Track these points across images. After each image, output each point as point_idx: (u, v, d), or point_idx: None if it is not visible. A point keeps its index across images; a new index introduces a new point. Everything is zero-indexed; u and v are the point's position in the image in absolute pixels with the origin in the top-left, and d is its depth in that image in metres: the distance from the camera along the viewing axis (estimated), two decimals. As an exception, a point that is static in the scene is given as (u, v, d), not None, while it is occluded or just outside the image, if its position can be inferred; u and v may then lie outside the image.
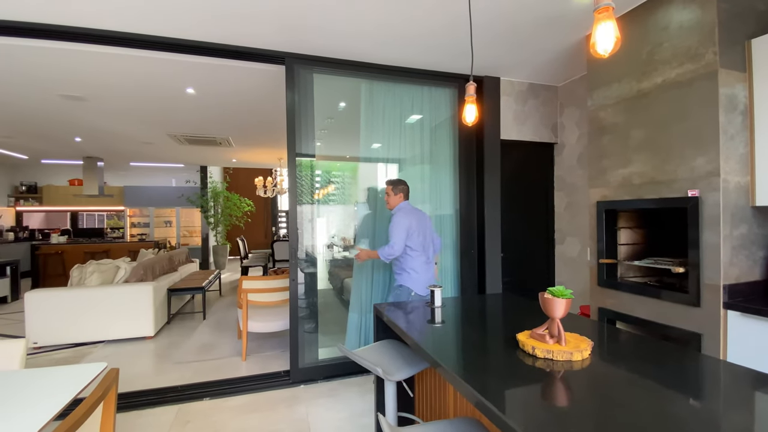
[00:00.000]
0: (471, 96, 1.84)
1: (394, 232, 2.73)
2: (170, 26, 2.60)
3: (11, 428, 1.12)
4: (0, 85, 3.64)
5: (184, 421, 2.50)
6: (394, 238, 2.71)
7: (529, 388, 1.15)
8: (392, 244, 2.70)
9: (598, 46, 1.16)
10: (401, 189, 2.90)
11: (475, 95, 1.85)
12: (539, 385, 1.17)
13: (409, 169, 3.56)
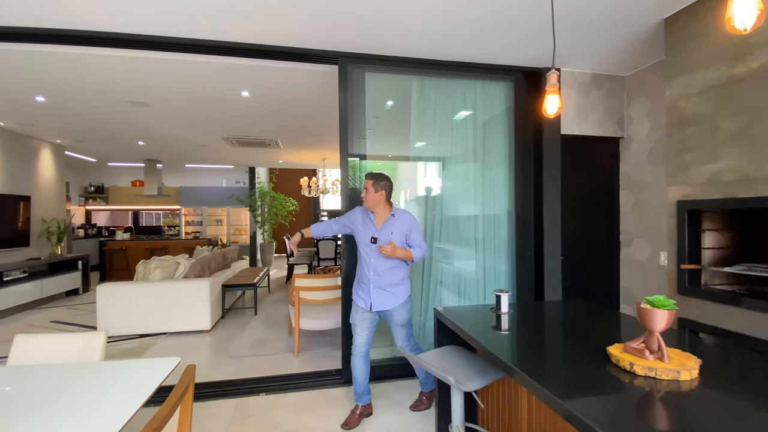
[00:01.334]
0: (554, 85, 1.71)
1: (421, 236, 2.51)
2: (232, 30, 2.67)
3: (105, 417, 1.16)
4: (75, 92, 3.95)
5: (243, 416, 2.56)
6: (424, 241, 2.51)
7: (633, 410, 1.02)
8: (425, 248, 2.49)
9: (736, 21, 1.01)
10: (383, 185, 2.45)
11: (558, 84, 1.71)
12: (643, 407, 1.04)
13: (458, 167, 3.44)
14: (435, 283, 3.38)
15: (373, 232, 2.45)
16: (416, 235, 2.49)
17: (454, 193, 3.47)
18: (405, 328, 2.52)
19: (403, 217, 2.49)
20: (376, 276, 2.43)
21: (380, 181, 2.44)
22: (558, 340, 1.57)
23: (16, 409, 1.22)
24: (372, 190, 2.43)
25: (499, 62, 3.23)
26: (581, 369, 1.27)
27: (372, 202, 2.45)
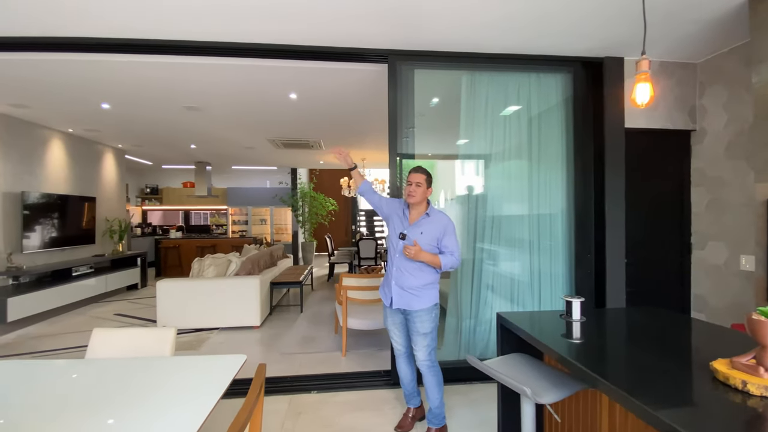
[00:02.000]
0: (645, 72, 1.57)
1: (456, 243, 2.25)
2: (282, 33, 2.71)
3: (185, 409, 1.19)
4: (137, 99, 4.20)
5: (297, 412, 2.59)
6: (458, 250, 2.26)
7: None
8: (458, 257, 2.25)
9: None
10: (430, 182, 2.31)
11: (648, 71, 1.57)
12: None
13: (509, 163, 3.30)
14: (484, 287, 3.27)
15: (404, 228, 2.31)
16: (450, 240, 2.25)
17: (503, 192, 3.32)
18: (427, 338, 2.25)
19: (438, 219, 2.29)
20: (399, 273, 2.27)
21: (429, 177, 2.31)
22: (646, 351, 1.44)
23: (99, 400, 1.28)
24: (425, 186, 2.27)
25: (556, 53, 3.06)
26: (682, 385, 1.15)
27: (420, 198, 2.28)
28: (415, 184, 2.25)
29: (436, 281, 2.29)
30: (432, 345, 2.28)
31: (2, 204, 4.74)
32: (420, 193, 2.26)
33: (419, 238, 2.22)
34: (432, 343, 2.28)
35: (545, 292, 3.20)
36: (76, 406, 1.24)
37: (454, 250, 2.24)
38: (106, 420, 1.15)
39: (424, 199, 2.30)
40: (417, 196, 2.26)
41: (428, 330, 2.25)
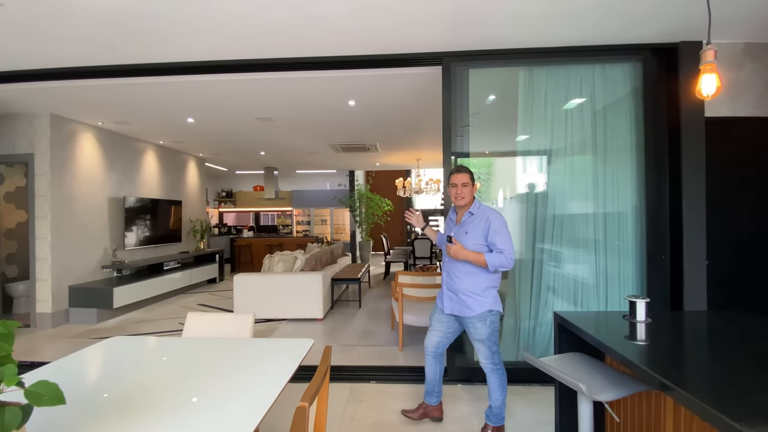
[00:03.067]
0: (710, 63, 1.49)
1: (506, 241, 2.09)
2: (340, 46, 2.91)
3: (263, 386, 1.38)
4: (217, 113, 4.71)
5: (357, 399, 2.77)
6: (509, 248, 2.08)
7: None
8: (510, 256, 2.06)
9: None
10: (473, 177, 2.23)
11: (714, 62, 1.49)
12: None
13: (572, 159, 3.17)
14: (545, 288, 3.18)
15: (451, 230, 2.28)
16: (498, 236, 2.10)
17: (566, 189, 3.20)
18: (484, 345, 2.18)
19: (482, 215, 2.17)
20: (448, 278, 2.24)
21: (472, 174, 2.22)
22: (723, 357, 1.35)
23: (194, 372, 1.53)
24: (470, 185, 2.19)
25: (622, 41, 2.90)
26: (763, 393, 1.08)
27: (470, 198, 2.21)
28: (461, 185, 2.19)
29: (490, 285, 2.17)
30: (492, 349, 2.20)
31: (108, 207, 5.59)
32: (468, 193, 2.19)
33: (464, 238, 2.16)
34: (492, 347, 2.20)
35: (612, 295, 3.03)
36: (176, 376, 1.50)
37: (504, 247, 2.08)
38: (198, 388, 1.38)
39: (472, 198, 2.24)
40: (466, 196, 2.20)
41: (483, 337, 2.18)
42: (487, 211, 2.19)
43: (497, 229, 2.12)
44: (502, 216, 2.17)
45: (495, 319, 2.19)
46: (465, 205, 2.24)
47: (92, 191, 5.30)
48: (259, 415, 1.14)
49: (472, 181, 2.21)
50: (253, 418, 1.13)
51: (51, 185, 4.65)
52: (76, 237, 5.01)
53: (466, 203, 2.23)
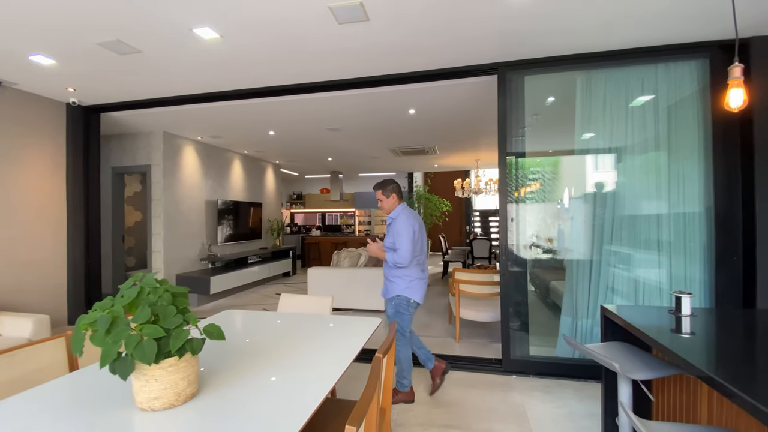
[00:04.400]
0: (737, 79, 1.57)
1: (401, 242, 2.54)
2: (403, 65, 3.25)
3: (344, 345, 1.76)
4: (294, 125, 5.34)
5: (416, 382, 3.08)
6: (402, 248, 2.53)
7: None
8: (401, 255, 2.53)
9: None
10: (392, 189, 2.70)
11: (742, 77, 1.57)
12: None
13: (635, 159, 3.17)
14: (604, 288, 3.22)
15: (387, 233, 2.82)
16: (395, 237, 2.59)
17: (629, 189, 3.20)
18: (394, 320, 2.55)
19: (396, 220, 2.67)
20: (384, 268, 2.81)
21: (387, 186, 2.71)
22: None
23: (291, 338, 1.96)
24: (384, 198, 2.71)
25: (688, 40, 2.86)
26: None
27: (388, 208, 2.72)
28: (377, 199, 2.76)
29: (399, 276, 2.65)
30: (400, 330, 2.70)
31: (205, 209, 6.55)
32: (385, 204, 2.73)
33: (386, 239, 2.71)
34: (400, 329, 2.70)
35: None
36: (282, 335, 1.94)
37: (398, 247, 2.57)
38: (299, 344, 1.80)
39: (392, 207, 2.72)
40: (384, 207, 2.75)
41: (390, 314, 2.77)
42: (395, 219, 2.68)
43: (396, 232, 2.61)
44: (404, 222, 2.60)
45: (401, 302, 2.68)
46: (388, 212, 2.76)
47: (193, 195, 6.27)
48: (344, 365, 1.52)
49: (387, 194, 2.70)
50: (339, 368, 1.51)
51: (163, 190, 5.64)
52: (181, 234, 5.99)
53: (386, 211, 2.76)
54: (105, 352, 1.09)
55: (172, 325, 1.19)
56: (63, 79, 3.60)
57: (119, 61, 3.14)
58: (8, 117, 3.78)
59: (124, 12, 2.41)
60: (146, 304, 1.19)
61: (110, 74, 3.46)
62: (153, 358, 1.10)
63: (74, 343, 1.11)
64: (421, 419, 2.51)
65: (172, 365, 1.18)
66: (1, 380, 1.52)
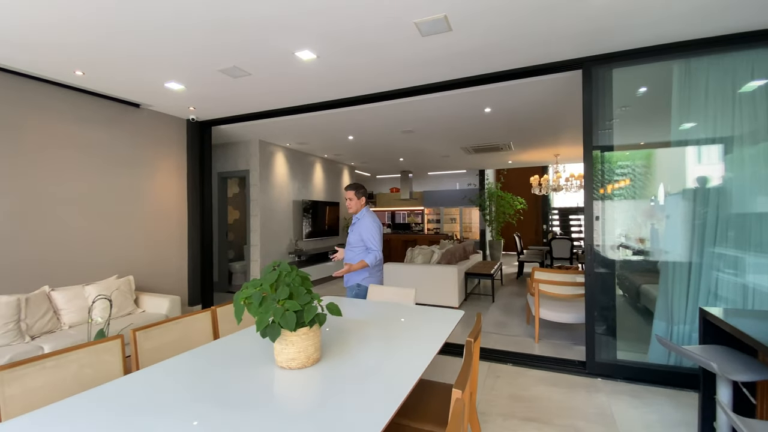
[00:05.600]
0: None
1: (373, 239, 2.87)
2: (482, 66, 3.34)
3: (430, 333, 1.96)
4: (371, 130, 5.67)
5: (495, 375, 3.17)
6: (376, 244, 2.88)
7: None
8: (376, 252, 2.87)
9: None
10: (363, 193, 3.03)
11: None
12: None
13: (745, 150, 2.87)
14: (706, 293, 2.98)
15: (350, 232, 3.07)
16: (366, 235, 2.88)
17: (738, 184, 2.90)
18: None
19: (360, 219, 2.96)
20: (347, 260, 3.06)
21: (360, 189, 3.01)
22: None
23: (381, 323, 2.21)
24: (355, 199, 2.98)
25: (812, 17, 2.54)
26: None
27: (356, 208, 3.00)
28: (348, 199, 3.01)
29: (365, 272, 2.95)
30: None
31: (292, 208, 7.23)
32: (353, 204, 2.99)
33: (351, 236, 2.99)
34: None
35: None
36: (372, 322, 2.20)
37: (371, 245, 2.88)
38: (394, 328, 2.04)
39: (359, 208, 3.00)
40: (352, 207, 3.01)
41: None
42: (364, 216, 2.95)
43: (366, 229, 2.89)
44: (372, 220, 2.93)
45: (358, 292, 2.96)
46: (354, 212, 3.03)
47: (282, 196, 6.98)
48: (434, 348, 1.71)
49: (359, 196, 3.00)
50: (430, 350, 1.71)
51: (259, 192, 6.37)
52: (273, 230, 6.71)
53: (354, 211, 3.02)
54: (259, 320, 1.42)
55: (304, 301, 1.49)
56: (186, 100, 4.32)
57: (232, 82, 3.70)
58: (145, 132, 4.63)
59: (242, 43, 2.87)
60: (284, 284, 1.51)
61: (223, 94, 4.07)
62: (293, 327, 1.40)
63: (236, 312, 1.46)
64: (502, 410, 2.61)
65: (305, 333, 1.48)
66: (166, 341, 1.98)
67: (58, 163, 3.77)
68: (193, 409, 1.23)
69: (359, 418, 1.16)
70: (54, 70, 3.33)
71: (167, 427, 1.13)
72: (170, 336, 2.00)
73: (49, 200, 3.69)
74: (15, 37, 2.71)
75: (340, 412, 1.20)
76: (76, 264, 3.90)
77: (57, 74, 3.45)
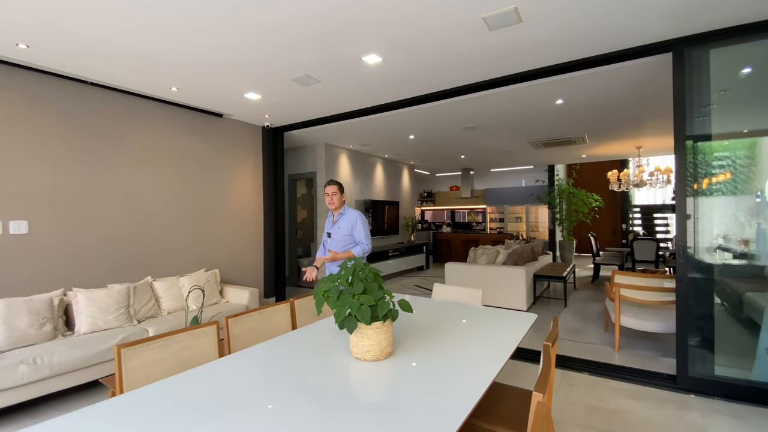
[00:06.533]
0: None
1: (364, 233, 3.03)
2: (555, 55, 3.16)
3: (503, 337, 1.91)
4: (432, 128, 5.64)
5: (570, 384, 2.99)
6: (367, 238, 3.04)
7: None
8: (368, 242, 3.03)
9: None
10: (343, 189, 3.14)
11: None
12: None
13: None
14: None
15: (330, 228, 3.14)
16: (359, 231, 3.01)
17: None
18: None
19: (349, 214, 3.07)
20: (330, 264, 3.09)
21: (341, 186, 3.11)
22: None
23: (449, 319, 2.20)
24: (339, 194, 3.07)
25: None
26: None
27: (338, 204, 3.08)
28: (331, 194, 3.05)
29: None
30: None
31: (355, 207, 7.44)
32: (337, 199, 3.07)
33: (338, 231, 3.05)
34: None
35: None
36: (441, 321, 2.20)
37: (363, 239, 3.02)
38: (462, 329, 2.02)
39: (341, 204, 3.11)
40: (335, 202, 3.07)
41: None
42: (352, 211, 3.09)
43: (359, 224, 3.03)
44: (358, 214, 3.07)
45: None
46: (336, 208, 3.11)
47: (347, 195, 7.23)
48: (506, 351, 1.67)
49: (341, 192, 3.11)
50: (503, 353, 1.67)
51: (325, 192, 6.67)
52: (336, 229, 6.99)
53: (336, 207, 3.10)
54: (338, 313, 1.50)
55: (377, 296, 1.54)
56: (262, 109, 4.67)
57: (303, 90, 3.93)
58: (227, 139, 5.10)
59: (314, 52, 3.04)
60: (359, 279, 1.58)
61: (294, 101, 4.34)
62: (369, 320, 1.46)
63: (317, 304, 1.56)
64: (578, 420, 2.46)
65: (378, 327, 1.54)
66: (251, 328, 2.17)
67: (156, 169, 4.31)
68: (277, 393, 1.35)
69: (433, 414, 1.18)
70: (155, 87, 3.81)
71: (254, 407, 1.25)
72: (255, 324, 2.19)
73: (149, 202, 4.23)
74: (125, 60, 3.15)
75: (413, 406, 1.23)
76: (171, 258, 4.42)
77: (157, 91, 3.94)
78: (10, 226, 3.23)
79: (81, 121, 3.67)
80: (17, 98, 3.27)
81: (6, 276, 3.20)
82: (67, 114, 3.58)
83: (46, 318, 2.92)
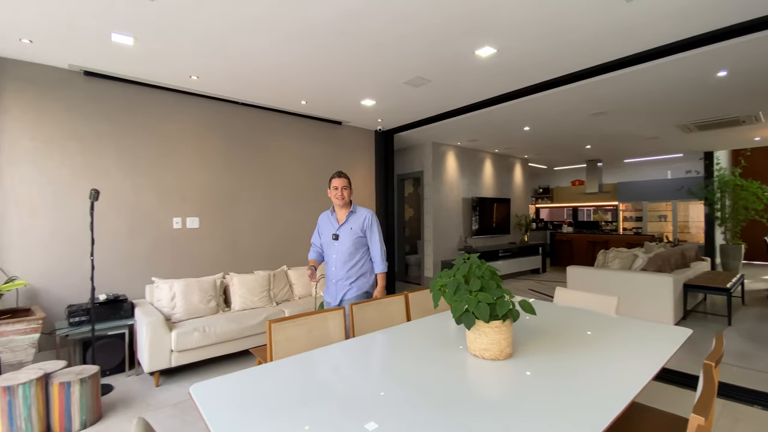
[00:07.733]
0: None
1: (378, 237, 2.65)
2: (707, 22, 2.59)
3: (637, 362, 1.65)
4: (548, 117, 5.18)
5: (734, 417, 2.43)
6: (382, 243, 2.66)
7: None
8: (379, 247, 2.63)
9: None
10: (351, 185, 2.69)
11: None
12: None
13: None
14: None
15: (335, 229, 2.63)
16: (375, 237, 2.62)
17: None
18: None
19: (361, 212, 2.64)
20: (336, 270, 2.60)
21: (350, 180, 2.65)
22: None
23: (578, 327, 1.99)
24: (349, 189, 2.63)
25: None
26: None
27: (348, 199, 2.65)
28: (341, 188, 2.59)
29: (367, 271, 2.65)
30: None
31: (461, 205, 7.32)
32: (347, 195, 2.62)
33: (348, 233, 2.59)
34: None
35: None
36: (568, 328, 2.02)
37: (377, 241, 2.62)
38: (588, 341, 1.82)
39: (350, 200, 2.67)
40: (345, 198, 2.62)
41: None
42: (364, 209, 2.66)
43: (374, 226, 2.64)
44: (373, 216, 2.66)
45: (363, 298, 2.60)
46: (344, 205, 2.64)
47: (452, 194, 7.16)
48: (653, 369, 1.45)
49: (350, 185, 2.64)
50: (646, 370, 1.45)
51: (432, 191, 6.72)
52: (444, 227, 6.97)
53: (345, 203, 2.64)
54: (455, 307, 1.51)
55: (496, 295, 1.50)
56: (376, 114, 4.94)
57: (413, 91, 4.03)
58: (345, 144, 5.55)
59: (424, 53, 3.09)
60: (475, 276, 1.56)
61: (405, 103, 4.48)
62: (487, 318, 1.44)
63: (434, 298, 1.60)
64: (752, 466, 1.98)
65: (497, 326, 1.50)
66: (370, 316, 2.33)
67: (285, 173, 4.95)
68: (393, 380, 1.42)
69: (560, 427, 1.10)
70: (287, 101, 4.38)
71: (372, 391, 1.34)
72: (374, 313, 2.35)
73: (281, 203, 4.89)
74: (263, 81, 3.70)
75: (536, 414, 1.17)
76: (300, 250, 5.02)
77: (288, 105, 4.52)
78: (187, 221, 4.11)
79: (233, 134, 4.46)
80: (187, 119, 4.14)
81: (184, 261, 4.08)
82: (224, 130, 4.39)
83: (212, 296, 3.62)
